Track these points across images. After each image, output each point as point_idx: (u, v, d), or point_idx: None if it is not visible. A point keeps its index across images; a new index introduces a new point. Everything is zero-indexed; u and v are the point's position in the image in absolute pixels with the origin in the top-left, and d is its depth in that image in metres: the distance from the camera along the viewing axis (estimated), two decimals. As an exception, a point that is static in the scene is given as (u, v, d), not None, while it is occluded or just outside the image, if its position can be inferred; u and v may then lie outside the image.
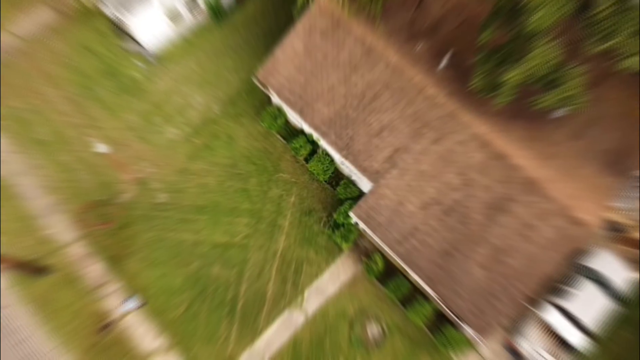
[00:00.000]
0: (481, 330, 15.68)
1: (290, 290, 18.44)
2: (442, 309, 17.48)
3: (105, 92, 21.18)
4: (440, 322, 17.72)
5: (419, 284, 17.58)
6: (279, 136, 20.23)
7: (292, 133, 19.97)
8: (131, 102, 20.96)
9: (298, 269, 18.64)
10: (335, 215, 18.54)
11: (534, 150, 16.23)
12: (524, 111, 16.81)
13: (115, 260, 18.79)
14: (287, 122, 20.10)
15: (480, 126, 16.30)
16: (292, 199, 19.53)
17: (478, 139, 16.20)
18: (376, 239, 17.07)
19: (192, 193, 19.61)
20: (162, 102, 21.00)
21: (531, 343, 16.93)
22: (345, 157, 17.33)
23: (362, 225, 17.73)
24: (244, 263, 18.76)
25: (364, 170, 17.14)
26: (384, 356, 17.53)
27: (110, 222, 19.04)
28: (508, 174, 15.84)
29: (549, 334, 16.88)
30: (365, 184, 17.72)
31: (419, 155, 16.60)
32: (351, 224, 18.33)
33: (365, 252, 18.66)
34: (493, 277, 15.63)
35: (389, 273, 18.13)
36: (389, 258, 18.22)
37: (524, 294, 15.46)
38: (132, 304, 18.05)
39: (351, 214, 16.92)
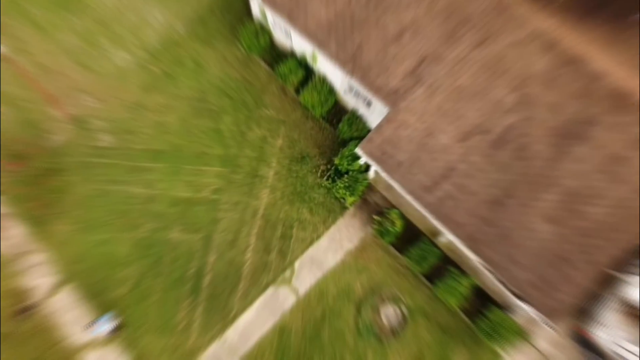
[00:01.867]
0: (549, 311, 10.86)
1: (275, 261, 13.64)
2: (484, 284, 12.71)
3: (37, 8, 16.34)
4: (481, 302, 12.92)
5: (453, 249, 12.80)
6: (262, 61, 15.40)
7: (278, 56, 15.15)
8: (70, 20, 16.12)
9: (286, 234, 13.84)
10: (336, 161, 13.71)
11: (622, 55, 11.44)
12: (603, 7, 12.04)
13: (40, 221, 13.95)
14: (272, 43, 15.28)
15: (543, 21, 11.50)
16: (279, 141, 14.71)
17: (541, 37, 11.37)
18: (394, 187, 12.26)
19: (146, 134, 14.77)
20: (109, 19, 16.14)
21: (612, 332, 12.13)
22: (351, 73, 12.49)
23: (374, 168, 12.93)
24: (213, 225, 13.95)
25: (377, 91, 12.32)
26: (405, 350, 12.73)
27: (23, 163, 14.14)
28: (587, 86, 11.01)
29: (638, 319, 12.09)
30: (377, 116, 12.92)
31: (454, 65, 11.77)
32: (358, 172, 13.53)
33: (377, 209, 13.83)
34: (565, 234, 10.81)
35: (410, 237, 13.29)
36: (411, 215, 13.44)
37: (610, 259, 10.67)
38: (104, 325, 12.90)
39: (359, 150, 12.10)
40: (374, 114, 13.42)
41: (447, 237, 12.09)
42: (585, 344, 12.58)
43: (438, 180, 11.58)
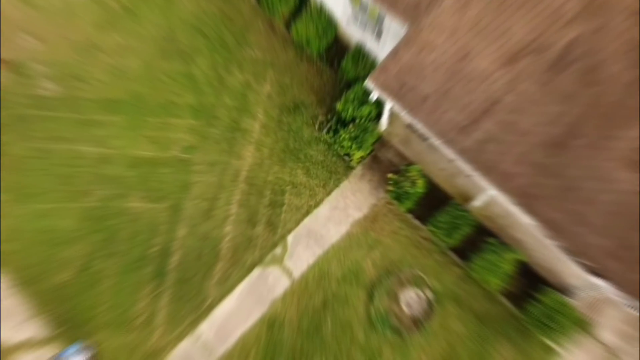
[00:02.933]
0: (634, 289, 7.99)
1: (262, 236, 10.71)
2: (534, 260, 9.79)
3: None
4: (530, 283, 10.02)
5: (492, 216, 9.91)
6: (244, -9, 12.50)
7: (265, -16, 12.22)
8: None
9: (276, 201, 10.91)
10: (339, 107, 10.76)
11: None
12: None
13: (-38, 189, 11.02)
14: (257, -33, 12.35)
15: None
16: (267, 87, 11.75)
17: None
18: (417, 128, 9.36)
19: (99, 81, 11.76)
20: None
21: None
22: (357, -16, 9.60)
23: (388, 112, 10.01)
24: (183, 192, 11.00)
25: (391, 5, 9.41)
26: (432, 346, 9.83)
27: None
28: (682, -19, 8.16)
29: None
30: (390, 48, 9.98)
31: (496, -35, 8.89)
32: (366, 121, 10.61)
33: (392, 167, 10.91)
34: (655, 184, 7.95)
35: (434, 203, 10.38)
36: (436, 175, 10.50)
37: None
38: (76, 357, 9.97)
39: (369, 83, 9.17)
40: (385, 46, 10.47)
41: (489, 195, 9.18)
42: (670, 334, 9.75)
43: (477, 117, 8.66)
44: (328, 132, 11.03)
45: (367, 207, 10.79)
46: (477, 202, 10.11)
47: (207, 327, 10.12)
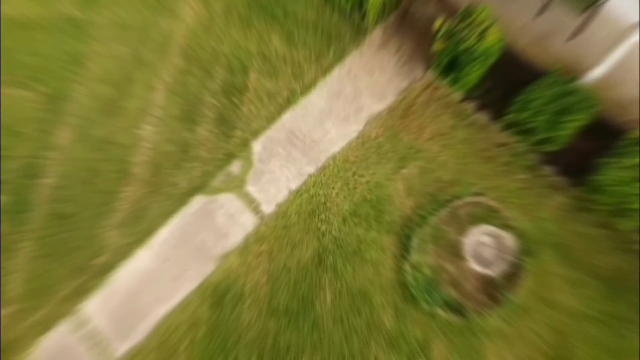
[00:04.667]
0: None
1: (208, 142, 5.98)
2: None
3: None
4: None
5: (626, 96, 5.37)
6: None
7: None
8: None
9: (234, 85, 6.15)
10: None
11: None
12: None
13: None
14: None
15: None
16: None
17: None
18: None
19: None
20: None
21: None
22: None
23: None
24: (72, 71, 6.33)
25: None
26: (521, 332, 5.27)
27: None
28: None
29: None
30: None
31: None
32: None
33: (432, 25, 6.19)
34: None
35: (512, 81, 5.76)
36: (514, 36, 5.85)
37: None
38: None
39: None
40: None
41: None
42: None
43: None
44: (325, -33, 6.36)
45: (394, 94, 6.14)
46: (598, 71, 5.51)
47: (98, 306, 5.45)
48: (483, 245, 5.27)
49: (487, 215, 5.58)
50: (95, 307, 5.44)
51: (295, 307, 5.38)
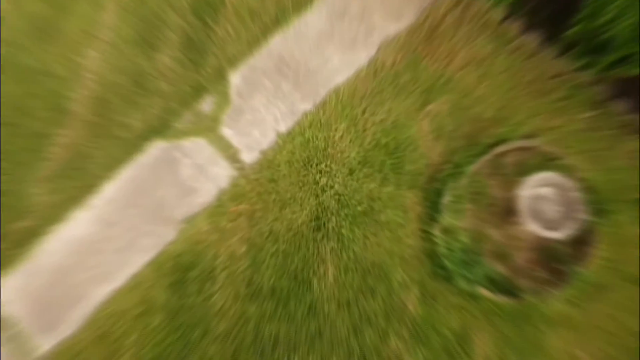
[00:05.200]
0: None
1: (170, 72, 4.61)
2: None
3: None
4: None
5: None
6: None
7: None
8: None
9: (206, 6, 4.82)
10: None
11: None
12: None
13: None
14: None
15: None
16: None
17: None
18: None
19: None
20: None
21: None
22: None
23: None
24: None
25: None
26: (595, 319, 3.90)
27: None
28: None
29: None
30: None
31: None
32: None
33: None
34: None
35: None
36: None
37: None
38: None
39: None
40: None
41: None
42: None
43: None
44: None
45: (415, 12, 4.73)
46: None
47: (18, 286, 3.98)
48: (543, 200, 3.85)
49: (543, 165, 4.17)
50: (13, 287, 4.00)
51: (285, 288, 3.95)
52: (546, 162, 4.18)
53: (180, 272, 3.96)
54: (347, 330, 3.86)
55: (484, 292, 3.87)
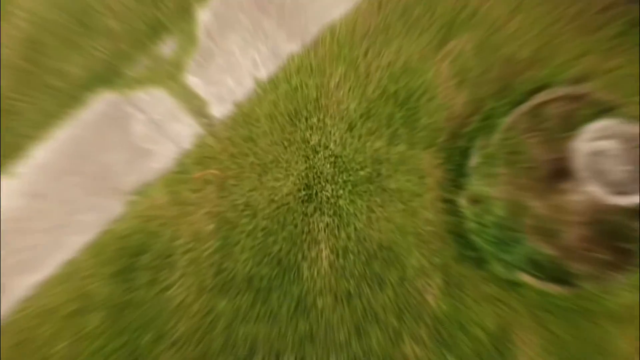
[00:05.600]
0: None
1: (120, 6, 3.78)
2: None
3: None
4: None
5: None
6: None
7: None
8: None
9: None
10: None
11: None
12: None
13: None
14: None
15: None
16: None
17: None
18: None
19: None
20: None
21: None
22: None
23: None
24: None
25: None
26: None
27: None
28: None
29: None
30: None
31: None
32: None
33: None
34: None
35: None
36: None
37: None
38: None
39: None
40: None
41: None
42: None
43: None
44: None
45: None
46: None
47: None
48: (605, 157, 2.94)
49: (595, 116, 3.26)
50: None
51: (265, 277, 3.02)
52: (600, 112, 3.26)
53: (127, 258, 3.02)
54: (348, 331, 2.93)
55: (527, 279, 2.94)
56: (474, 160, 3.16)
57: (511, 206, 3.09)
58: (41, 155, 3.30)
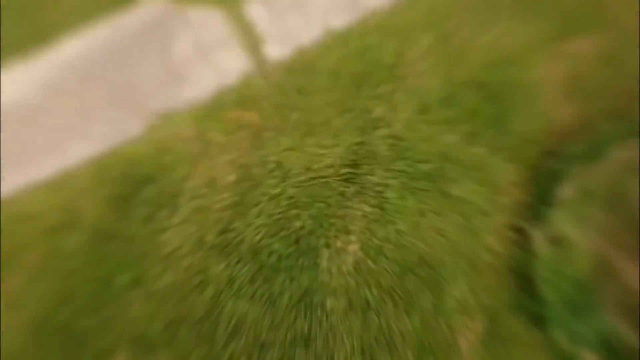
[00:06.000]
0: None
1: None
2: None
3: None
4: None
5: None
6: None
7: None
8: None
9: None
10: None
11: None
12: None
13: None
14: None
15: None
16: None
17: None
18: None
19: None
20: None
21: None
22: None
23: None
24: None
25: None
26: None
27: None
28: None
29: None
30: None
31: None
32: None
33: None
34: None
35: None
36: None
37: None
38: None
39: None
40: None
41: None
42: None
43: None
44: None
45: None
46: None
47: None
48: None
49: None
50: None
51: (275, 253, 2.51)
52: None
53: (129, 185, 2.60)
54: (352, 347, 2.39)
55: (591, 359, 2.29)
56: (566, 190, 2.50)
57: (599, 262, 2.42)
58: (71, 51, 2.92)
